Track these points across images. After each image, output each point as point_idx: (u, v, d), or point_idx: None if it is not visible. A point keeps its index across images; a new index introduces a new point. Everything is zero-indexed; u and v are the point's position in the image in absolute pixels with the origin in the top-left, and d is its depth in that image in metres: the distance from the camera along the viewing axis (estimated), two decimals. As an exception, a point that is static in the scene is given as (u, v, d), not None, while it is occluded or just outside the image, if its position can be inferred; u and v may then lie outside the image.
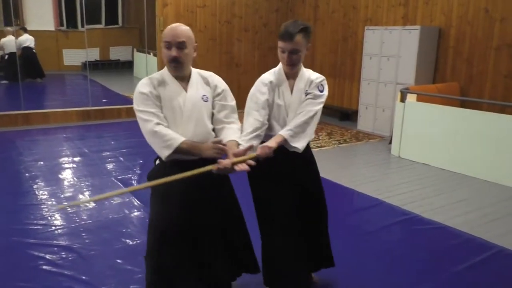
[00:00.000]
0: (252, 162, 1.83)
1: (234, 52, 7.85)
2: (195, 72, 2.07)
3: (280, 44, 2.04)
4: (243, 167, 1.79)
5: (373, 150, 5.59)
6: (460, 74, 5.82)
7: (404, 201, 3.81)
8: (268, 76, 2.16)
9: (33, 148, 5.24)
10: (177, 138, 1.88)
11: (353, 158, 5.31)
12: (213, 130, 2.04)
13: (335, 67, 7.75)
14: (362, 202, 3.82)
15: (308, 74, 2.18)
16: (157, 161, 2.04)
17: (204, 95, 2.02)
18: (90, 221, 3.26)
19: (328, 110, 7.86)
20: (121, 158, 4.84)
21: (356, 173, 4.67)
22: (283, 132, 2.03)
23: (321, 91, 2.15)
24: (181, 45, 1.90)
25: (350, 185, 4.20)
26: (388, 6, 6.61)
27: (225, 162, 1.79)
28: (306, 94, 2.13)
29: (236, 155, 1.84)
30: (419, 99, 5.09)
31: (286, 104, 2.13)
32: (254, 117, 2.05)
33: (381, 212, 3.59)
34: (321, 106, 2.14)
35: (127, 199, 3.68)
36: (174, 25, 1.96)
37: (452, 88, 5.69)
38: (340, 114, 7.52)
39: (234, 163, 1.79)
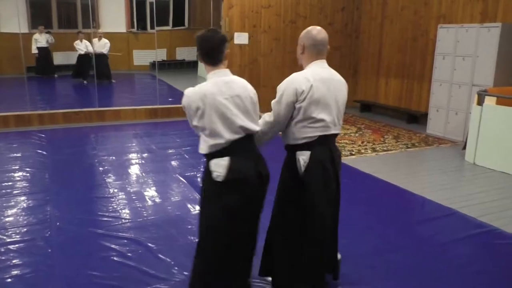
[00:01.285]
0: None
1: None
2: None
3: None
4: None
5: (445, 156, 5.25)
6: (546, 75, 5.31)
7: (481, 212, 3.53)
8: None
9: (106, 143, 5.54)
10: None
11: (422, 164, 5.03)
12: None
13: (404, 67, 7.41)
14: (433, 211, 3.58)
15: None
16: None
17: None
18: (157, 216, 3.36)
19: (394, 112, 7.55)
20: (186, 156, 4.96)
21: (426, 179, 4.41)
22: None
23: None
24: None
25: (419, 192, 3.97)
26: (465, 1, 6.18)
27: None
28: None
29: None
30: (499, 102, 4.70)
31: None
32: None
33: (455, 223, 3.35)
34: None
35: (191, 196, 3.75)
36: None
37: (537, 90, 5.20)
38: (407, 117, 7.18)
39: None
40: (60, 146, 5.32)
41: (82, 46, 10.38)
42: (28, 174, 4.25)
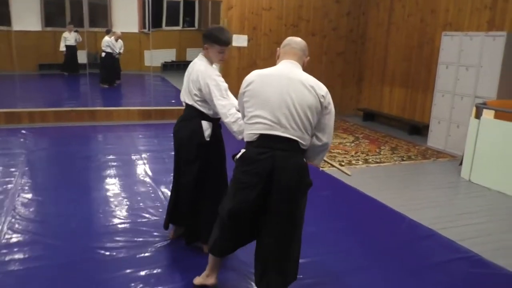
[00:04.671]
0: None
1: (299, 56, 7.56)
2: None
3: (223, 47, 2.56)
4: None
5: (440, 171, 4.96)
6: (555, 89, 4.96)
7: (464, 235, 3.25)
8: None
9: (90, 144, 5.46)
10: None
11: (413, 178, 4.74)
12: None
13: (408, 76, 7.11)
14: (410, 232, 3.32)
15: None
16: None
17: None
18: (119, 222, 3.21)
19: (397, 123, 7.26)
20: (166, 160, 4.82)
21: (413, 196, 4.13)
22: None
23: None
24: None
25: (402, 209, 3.70)
26: (472, 9, 5.87)
27: None
28: None
29: None
30: (498, 116, 4.39)
31: None
32: None
33: (432, 246, 3.08)
34: None
35: (157, 202, 3.60)
36: None
37: (543, 105, 4.85)
38: (409, 128, 6.87)
39: None
40: (43, 145, 5.26)
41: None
42: None
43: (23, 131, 5.69)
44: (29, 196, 3.62)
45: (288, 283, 2.17)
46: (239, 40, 7.03)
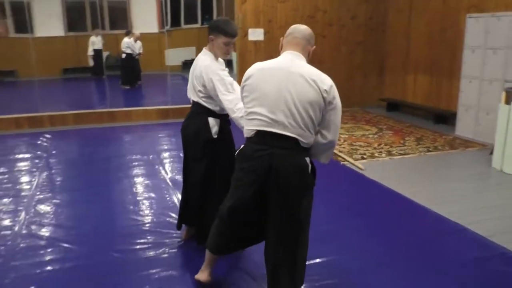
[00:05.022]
0: None
1: (317, 48, 7.36)
2: None
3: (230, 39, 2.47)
4: None
5: (469, 161, 4.70)
6: None
7: (494, 230, 3.03)
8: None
9: (108, 145, 5.47)
10: None
11: (440, 170, 4.51)
12: None
13: (432, 62, 6.81)
14: (435, 227, 3.13)
15: None
16: None
17: None
18: (137, 224, 3.18)
19: (422, 112, 6.98)
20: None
21: (440, 188, 3.92)
22: None
23: None
24: None
25: (427, 203, 3.50)
26: (498, -11, 5.54)
27: None
28: None
29: None
30: (530, 100, 4.11)
31: None
32: None
33: (459, 243, 2.89)
34: None
35: (172, 203, 3.55)
36: None
37: None
38: (435, 117, 6.59)
39: None
40: (63, 148, 5.30)
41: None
42: (16, 175, 4.23)
43: (46, 135, 5.77)
44: (47, 199, 3.63)
45: (298, 286, 2.06)
46: (255, 34, 6.90)
